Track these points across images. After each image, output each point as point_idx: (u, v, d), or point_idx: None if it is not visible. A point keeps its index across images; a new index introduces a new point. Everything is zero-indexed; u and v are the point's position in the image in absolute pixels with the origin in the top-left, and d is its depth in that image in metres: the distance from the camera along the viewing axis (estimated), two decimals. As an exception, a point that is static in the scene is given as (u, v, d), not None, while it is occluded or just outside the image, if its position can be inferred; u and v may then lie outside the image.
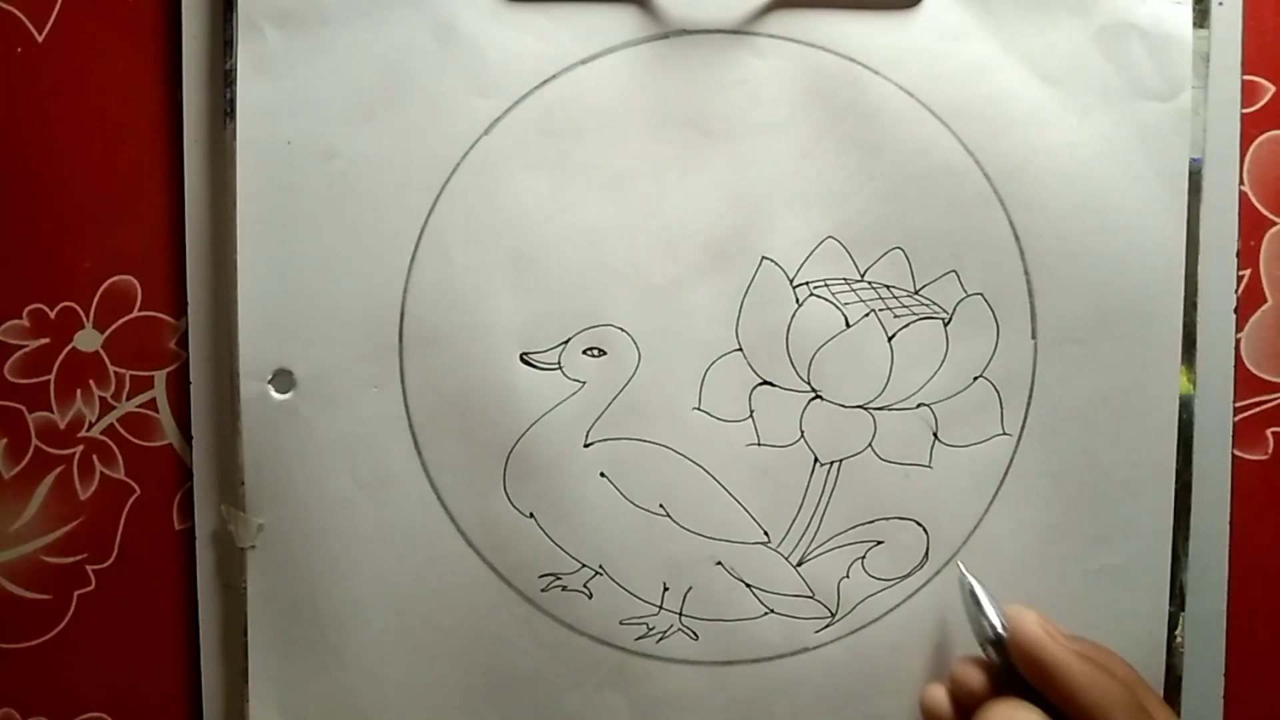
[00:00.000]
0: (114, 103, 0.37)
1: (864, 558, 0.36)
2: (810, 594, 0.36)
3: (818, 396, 0.36)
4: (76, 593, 0.38)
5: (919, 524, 0.36)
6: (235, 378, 0.36)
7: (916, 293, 0.36)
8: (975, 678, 0.33)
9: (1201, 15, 0.35)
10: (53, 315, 0.37)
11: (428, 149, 0.35)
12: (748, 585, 0.36)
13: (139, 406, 0.37)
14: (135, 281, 0.37)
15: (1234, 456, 0.37)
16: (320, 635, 0.36)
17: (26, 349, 0.37)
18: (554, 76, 0.35)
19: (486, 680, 0.36)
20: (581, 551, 0.36)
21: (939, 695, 0.34)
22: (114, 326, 0.37)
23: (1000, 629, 0.33)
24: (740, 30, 0.35)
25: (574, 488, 0.36)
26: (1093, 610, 0.36)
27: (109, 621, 0.38)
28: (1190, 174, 0.36)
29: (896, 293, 0.36)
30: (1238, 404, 0.37)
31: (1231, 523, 0.37)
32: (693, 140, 0.36)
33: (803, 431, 0.36)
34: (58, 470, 0.37)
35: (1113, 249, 0.36)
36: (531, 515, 0.36)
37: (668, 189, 0.36)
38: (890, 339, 0.36)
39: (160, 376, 0.37)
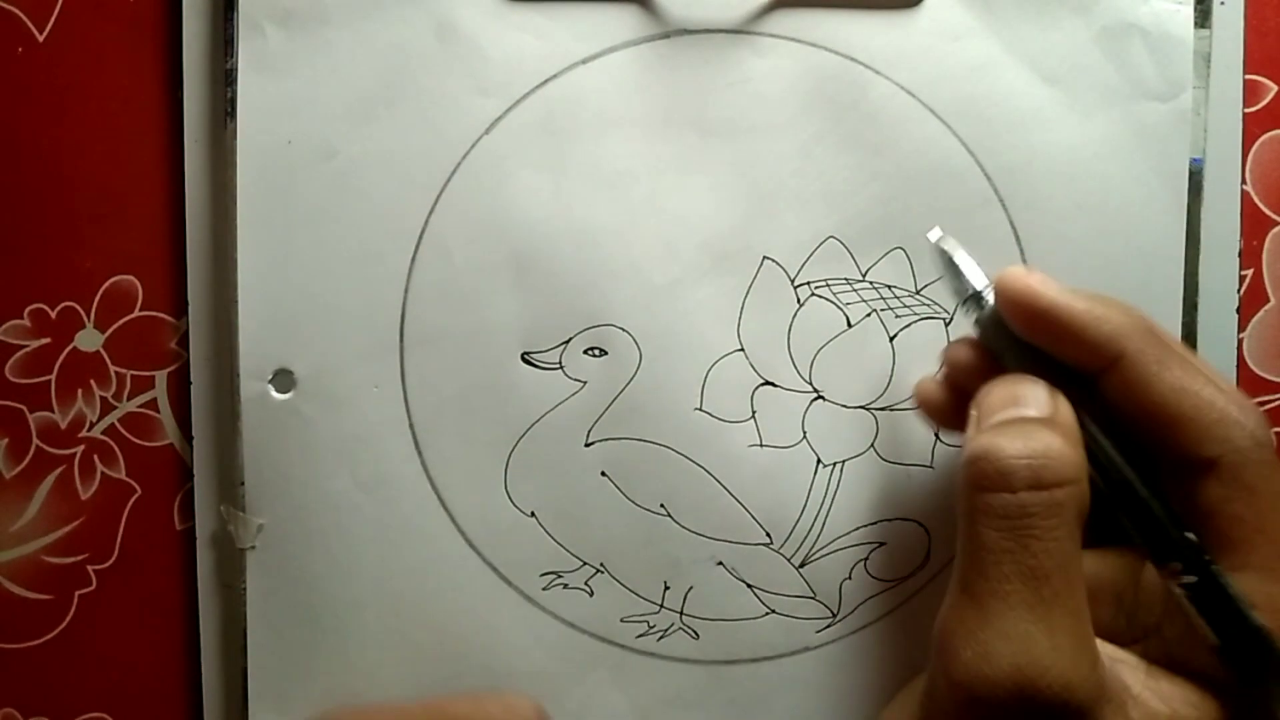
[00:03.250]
0: (115, 102, 0.37)
1: (866, 559, 0.36)
2: (812, 595, 0.36)
3: (820, 397, 0.36)
4: (77, 593, 0.38)
5: (921, 525, 0.36)
6: (236, 377, 0.36)
7: (918, 292, 0.36)
8: (966, 355, 0.31)
9: (1203, 15, 0.35)
10: (53, 315, 0.37)
11: (428, 148, 0.35)
12: (749, 585, 0.36)
13: (140, 406, 0.37)
14: (136, 281, 0.37)
15: (1235, 456, 0.37)
16: (320, 635, 0.36)
17: (27, 349, 0.37)
18: (555, 76, 0.35)
19: (487, 679, 0.36)
20: (583, 550, 0.36)
21: (932, 387, 0.32)
22: (115, 326, 0.37)
23: (982, 288, 0.30)
24: (741, 30, 0.35)
25: (575, 487, 0.36)
26: (1094, 610, 0.36)
27: (110, 621, 0.38)
28: (1191, 174, 0.36)
29: (898, 292, 0.36)
30: (1239, 404, 0.37)
31: (1233, 523, 0.37)
32: (693, 140, 0.36)
33: (805, 432, 0.36)
34: (59, 470, 0.37)
35: (1113, 249, 0.36)
36: (532, 514, 0.36)
37: (668, 189, 0.36)
38: (892, 339, 0.36)
39: (161, 376, 0.37)
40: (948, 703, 0.26)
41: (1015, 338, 0.29)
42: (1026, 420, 0.27)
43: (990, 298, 0.30)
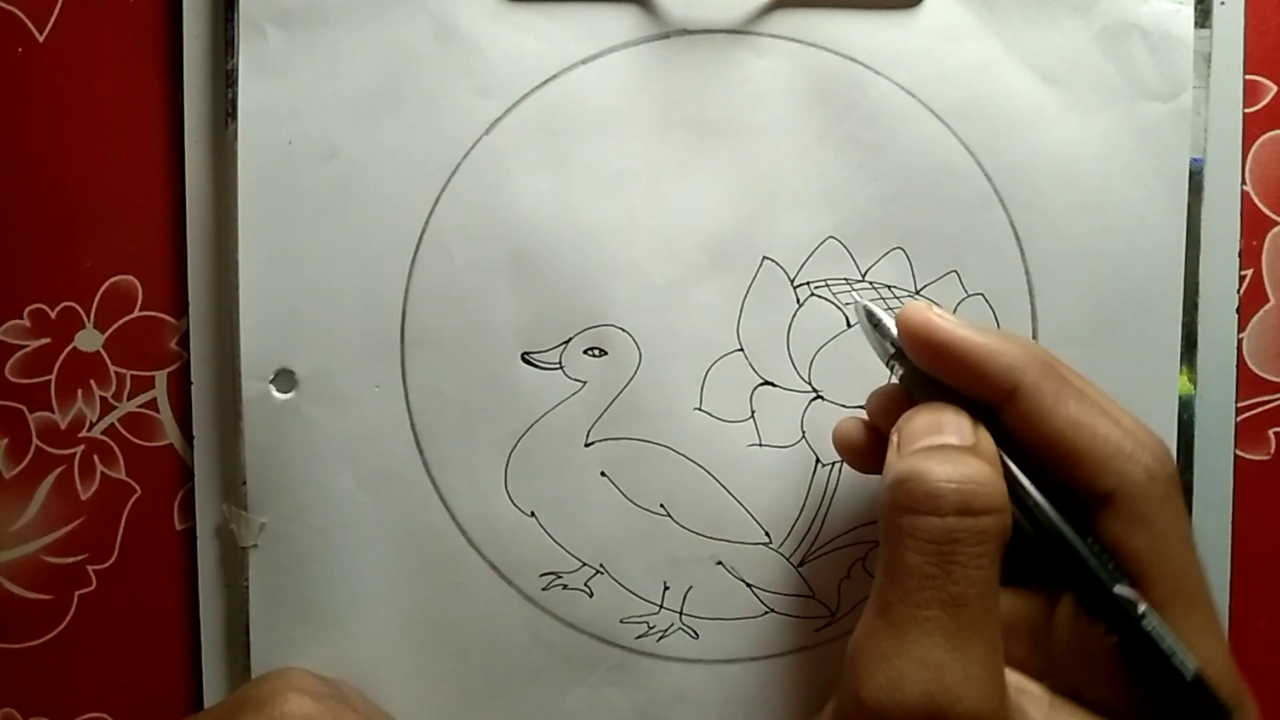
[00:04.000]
0: (115, 103, 0.37)
1: (865, 558, 0.36)
2: (811, 594, 0.36)
3: (819, 397, 0.36)
4: (77, 593, 0.38)
5: (920, 524, 0.36)
6: (237, 377, 0.36)
7: (917, 293, 0.36)
8: (885, 401, 0.31)
9: (1203, 15, 0.35)
10: (53, 315, 0.37)
11: (428, 149, 0.35)
12: (748, 585, 0.36)
13: (140, 406, 0.37)
14: (136, 281, 0.37)
15: (1236, 457, 0.37)
16: (322, 634, 0.36)
17: (27, 349, 0.37)
18: (554, 76, 0.35)
19: (487, 679, 0.36)
20: (582, 550, 0.36)
21: (852, 425, 0.32)
22: (115, 326, 0.37)
23: (897, 337, 0.30)
24: (741, 30, 0.35)
25: (575, 487, 0.36)
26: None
27: (110, 621, 0.38)
28: (1191, 174, 0.36)
29: (898, 293, 0.36)
30: (1239, 404, 0.37)
31: (1233, 523, 0.37)
32: (693, 140, 0.36)
33: (804, 432, 0.36)
34: (58, 470, 0.37)
35: (1113, 249, 0.36)
36: (533, 514, 0.36)
37: (668, 189, 0.36)
38: (891, 339, 0.36)
39: (161, 376, 0.37)
40: None
41: (932, 382, 0.30)
42: (951, 447, 0.27)
43: None
